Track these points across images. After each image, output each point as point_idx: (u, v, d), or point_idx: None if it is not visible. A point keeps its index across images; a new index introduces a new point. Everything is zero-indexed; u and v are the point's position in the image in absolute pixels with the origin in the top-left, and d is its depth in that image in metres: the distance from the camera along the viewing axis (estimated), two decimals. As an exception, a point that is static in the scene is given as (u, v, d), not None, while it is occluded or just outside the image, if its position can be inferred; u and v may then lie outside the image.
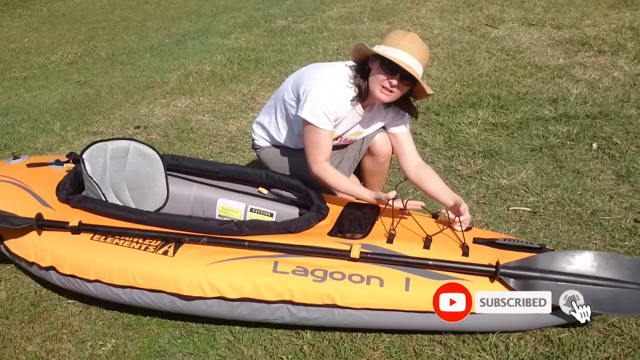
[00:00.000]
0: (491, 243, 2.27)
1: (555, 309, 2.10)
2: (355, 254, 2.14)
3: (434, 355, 2.19)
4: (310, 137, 2.43)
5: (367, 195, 2.46)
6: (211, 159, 3.79)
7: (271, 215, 2.75)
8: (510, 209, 3.05)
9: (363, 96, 2.39)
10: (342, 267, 2.14)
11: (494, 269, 2.09)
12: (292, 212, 2.73)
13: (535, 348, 2.18)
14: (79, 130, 4.53)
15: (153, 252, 2.22)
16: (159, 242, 2.27)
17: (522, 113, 4.08)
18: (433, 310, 2.11)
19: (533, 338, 2.23)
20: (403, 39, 2.27)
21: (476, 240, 2.29)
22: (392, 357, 2.20)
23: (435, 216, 2.43)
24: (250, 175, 2.79)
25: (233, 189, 2.85)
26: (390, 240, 2.24)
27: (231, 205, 2.82)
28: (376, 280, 2.12)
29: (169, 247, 2.23)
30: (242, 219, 2.80)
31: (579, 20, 6.07)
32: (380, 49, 2.28)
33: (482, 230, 2.45)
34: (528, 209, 3.03)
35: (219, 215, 2.85)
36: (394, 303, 2.11)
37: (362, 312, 2.13)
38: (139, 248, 2.25)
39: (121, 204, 2.71)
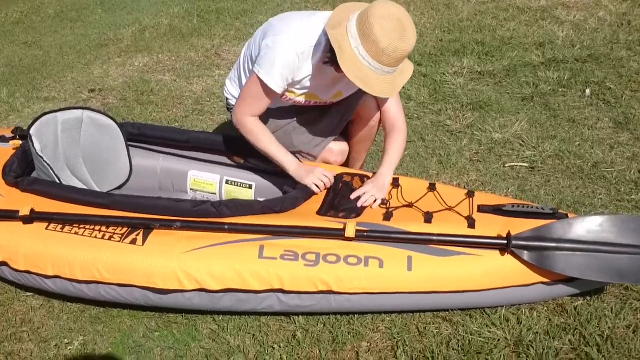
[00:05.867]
0: (498, 210, 2.05)
1: (573, 280, 1.92)
2: (350, 232, 1.90)
3: (440, 333, 2.00)
4: (252, 88, 2.15)
5: (291, 168, 2.21)
6: (176, 124, 3.47)
7: (250, 186, 2.48)
8: (506, 165, 2.83)
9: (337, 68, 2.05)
10: (336, 248, 1.90)
11: (505, 241, 1.88)
12: (273, 182, 2.46)
13: (549, 319, 2.00)
14: (28, 97, 4.12)
15: (119, 241, 1.94)
16: (125, 229, 1.98)
17: (508, 59, 3.83)
18: (439, 289, 1.90)
19: (545, 308, 2.05)
20: (385, 40, 1.86)
21: (481, 209, 2.07)
22: (394, 337, 1.99)
23: (432, 187, 2.19)
24: (223, 143, 2.50)
25: (204, 159, 2.56)
26: (387, 217, 2.01)
27: (204, 178, 2.54)
28: (375, 260, 1.89)
29: (137, 235, 1.96)
30: (216, 192, 2.53)
31: (557, -44, 5.78)
32: (352, 49, 1.92)
33: (485, 195, 2.22)
34: (525, 165, 2.82)
35: (191, 189, 2.57)
36: (395, 285, 1.89)
37: (361, 296, 1.91)
38: (103, 237, 1.96)
39: (78, 184, 2.41)
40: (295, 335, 2.02)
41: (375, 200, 2.12)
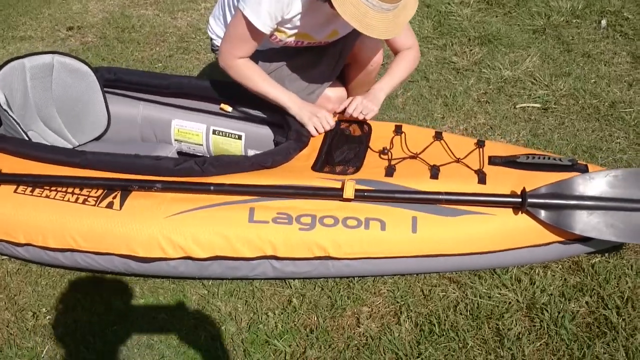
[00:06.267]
0: (511, 162, 1.86)
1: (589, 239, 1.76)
2: (348, 192, 1.71)
3: (447, 296, 1.85)
4: (237, 28, 1.92)
5: (293, 107, 2.03)
6: (159, 65, 3.22)
7: (239, 137, 2.28)
8: (517, 106, 2.62)
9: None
10: (334, 210, 1.73)
11: (520, 199, 1.70)
12: (264, 132, 2.25)
13: (565, 279, 1.86)
14: (3, 36, 3.84)
15: (94, 205, 1.76)
16: (100, 191, 1.80)
17: (518, -14, 3.54)
18: (447, 252, 1.74)
19: (560, 267, 1.90)
20: None
21: (492, 160, 1.88)
22: (397, 302, 1.84)
23: (438, 136, 2.00)
24: (208, 90, 2.28)
25: (189, 106, 2.35)
26: (389, 172, 1.82)
27: (189, 127, 2.33)
28: (376, 222, 1.72)
29: (114, 198, 1.77)
30: (203, 143, 2.33)
31: None
32: None
33: (496, 144, 2.03)
34: (537, 105, 2.61)
35: (175, 140, 2.36)
36: (399, 249, 1.73)
37: (362, 261, 1.75)
38: (76, 201, 1.78)
39: (53, 136, 2.22)
40: (291, 301, 1.87)
41: (366, 114, 2.00)
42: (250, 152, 2.29)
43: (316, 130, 2.01)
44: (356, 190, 1.72)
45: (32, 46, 3.61)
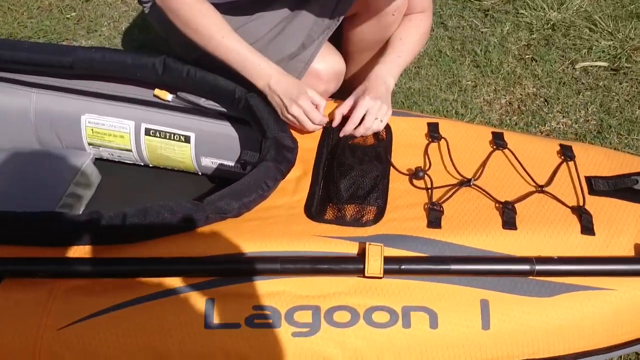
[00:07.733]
0: (624, 191, 1.16)
1: None
2: (374, 266, 1.00)
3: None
4: None
5: (267, 80, 1.28)
6: (74, 14, 2.33)
7: (186, 139, 1.51)
8: (577, 66, 1.88)
9: None
10: (350, 296, 1.02)
11: (660, 266, 1.01)
12: (224, 131, 1.49)
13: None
14: None
15: None
16: (-56, 282, 1.04)
17: None
18: (540, 356, 1.06)
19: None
20: None
21: (594, 187, 1.18)
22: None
23: (498, 141, 1.27)
24: (134, 68, 1.46)
25: (107, 93, 1.55)
26: (434, 219, 1.10)
27: (109, 126, 1.54)
28: (422, 315, 1.02)
29: (-30, 294, 1.02)
30: (132, 149, 1.56)
31: None
32: None
33: (587, 149, 1.29)
34: (604, 64, 1.89)
35: (90, 144, 1.58)
36: (462, 357, 1.03)
37: (400, 380, 1.05)
38: None
39: None
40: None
41: (382, 118, 1.27)
42: (205, 161, 1.54)
43: (299, 123, 1.27)
44: (386, 260, 1.01)
45: None
